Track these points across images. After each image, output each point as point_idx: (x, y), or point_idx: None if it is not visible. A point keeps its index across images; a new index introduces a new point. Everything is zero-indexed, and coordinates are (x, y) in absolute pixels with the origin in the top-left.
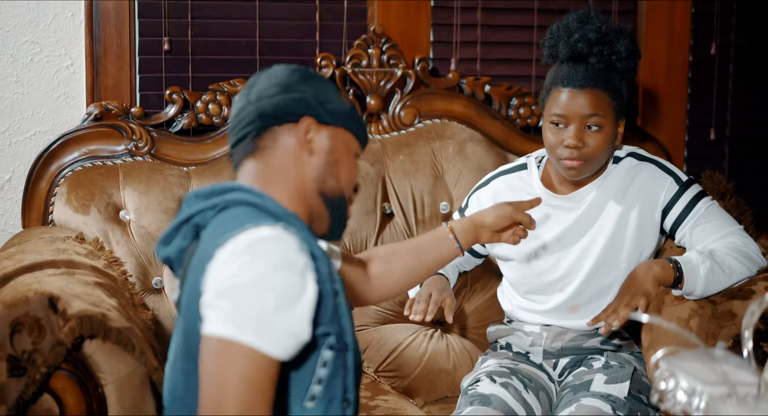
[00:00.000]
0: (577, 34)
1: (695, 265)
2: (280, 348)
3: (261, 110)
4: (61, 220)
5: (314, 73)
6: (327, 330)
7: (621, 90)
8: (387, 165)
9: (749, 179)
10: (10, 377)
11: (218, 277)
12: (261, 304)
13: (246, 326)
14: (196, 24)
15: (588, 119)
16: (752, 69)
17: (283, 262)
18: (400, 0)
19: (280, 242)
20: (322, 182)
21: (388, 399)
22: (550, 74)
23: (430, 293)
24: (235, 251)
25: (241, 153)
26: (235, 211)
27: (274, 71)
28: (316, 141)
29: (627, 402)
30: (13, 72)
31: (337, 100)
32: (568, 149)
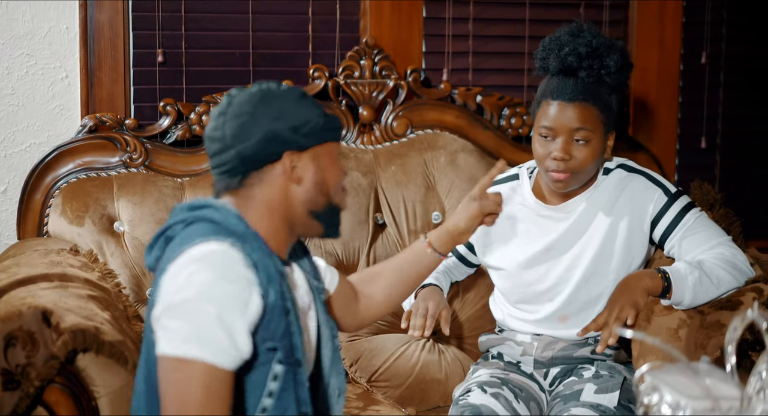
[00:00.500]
0: (567, 48)
1: (683, 275)
2: (226, 358)
3: (242, 157)
4: (56, 231)
5: (277, 92)
6: (275, 345)
7: (610, 104)
8: (379, 176)
9: (740, 188)
10: (4, 390)
11: (165, 292)
12: (203, 316)
13: (191, 340)
14: (189, 36)
15: (576, 132)
16: (742, 78)
17: (226, 275)
18: (392, 11)
19: (224, 255)
20: (312, 203)
21: (380, 409)
22: (541, 87)
23: (426, 306)
24: (181, 265)
25: (224, 186)
26: (196, 226)
27: (238, 107)
28: (301, 168)
29: (617, 411)
30: (8, 84)
31: (310, 117)
32: (555, 161)
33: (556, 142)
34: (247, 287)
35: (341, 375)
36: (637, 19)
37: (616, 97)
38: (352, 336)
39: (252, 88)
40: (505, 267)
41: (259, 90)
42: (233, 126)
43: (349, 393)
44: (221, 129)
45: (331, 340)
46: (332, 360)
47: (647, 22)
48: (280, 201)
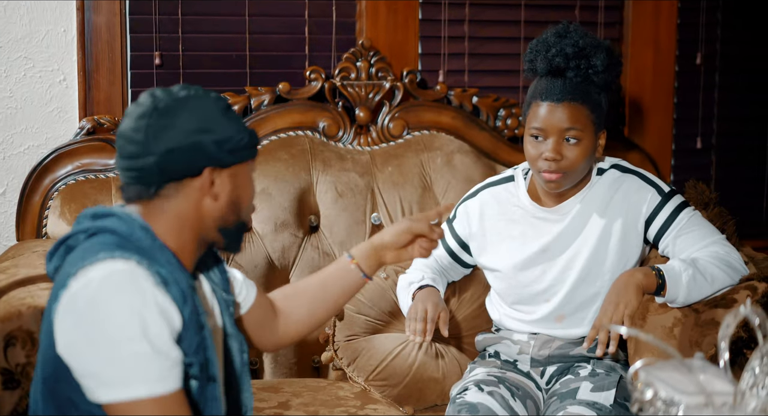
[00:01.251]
0: (554, 49)
1: (677, 272)
2: (171, 381)
3: (162, 167)
4: (54, 233)
5: (204, 101)
6: (191, 360)
7: (600, 103)
8: (376, 176)
9: (735, 187)
10: (5, 389)
11: (78, 325)
12: (134, 357)
13: (131, 383)
14: (186, 39)
15: (566, 132)
16: (737, 79)
17: (137, 303)
18: (388, 13)
19: (132, 276)
20: (223, 220)
21: (377, 407)
22: (531, 88)
23: (425, 309)
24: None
25: (135, 195)
26: (99, 238)
27: (164, 111)
28: (219, 185)
29: (613, 409)
30: (6, 87)
31: (234, 133)
32: (547, 161)
33: (547, 143)
34: (160, 305)
35: (249, 391)
36: (632, 21)
37: (606, 96)
38: (349, 335)
39: (179, 92)
40: (501, 269)
41: (186, 95)
42: (156, 130)
43: (347, 392)
44: (142, 132)
45: (240, 354)
46: (240, 374)
47: (642, 24)
48: (192, 215)
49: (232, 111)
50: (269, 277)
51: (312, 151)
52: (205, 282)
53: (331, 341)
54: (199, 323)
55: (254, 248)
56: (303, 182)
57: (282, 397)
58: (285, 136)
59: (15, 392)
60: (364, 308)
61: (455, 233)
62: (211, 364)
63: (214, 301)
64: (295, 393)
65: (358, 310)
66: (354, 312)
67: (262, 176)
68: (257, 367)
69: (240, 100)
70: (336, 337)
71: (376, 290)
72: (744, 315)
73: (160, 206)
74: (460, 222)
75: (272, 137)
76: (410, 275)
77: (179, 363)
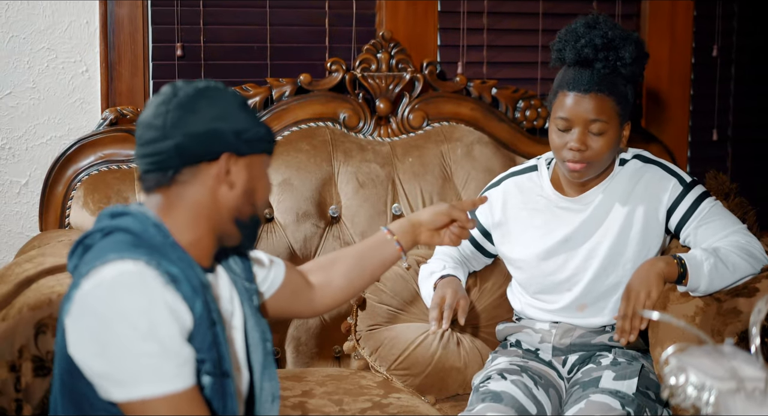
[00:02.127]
0: (583, 40)
1: (699, 261)
2: (183, 379)
3: (181, 149)
4: (78, 223)
5: (223, 93)
6: (204, 357)
7: (626, 95)
8: (397, 167)
9: (751, 179)
10: (35, 377)
11: (89, 326)
12: (145, 356)
13: (142, 382)
14: (208, 30)
15: (591, 123)
16: (753, 70)
17: (145, 303)
18: (407, 5)
19: (140, 277)
20: (238, 211)
21: (400, 397)
22: (558, 78)
23: (443, 297)
24: (94, 291)
25: (154, 183)
26: (113, 237)
27: (184, 98)
28: (235, 174)
29: (635, 398)
30: (29, 78)
31: (251, 125)
32: (572, 151)
33: (572, 133)
34: (171, 305)
35: (274, 380)
36: (649, 13)
37: (632, 88)
38: (371, 325)
39: (198, 83)
40: (523, 258)
41: (206, 86)
42: (176, 116)
43: (369, 382)
44: (162, 117)
45: (261, 344)
46: (264, 364)
47: (659, 16)
48: (208, 204)
49: (249, 106)
50: None
51: (333, 142)
52: (224, 274)
53: (353, 330)
54: (210, 319)
55: (276, 238)
56: (324, 172)
57: (306, 386)
58: (306, 127)
59: (45, 379)
60: (386, 298)
61: (478, 221)
62: (224, 360)
63: (233, 293)
64: (319, 382)
65: (380, 300)
66: (376, 301)
67: (284, 167)
68: (279, 357)
69: (261, 92)
70: (358, 327)
71: (397, 280)
72: None
73: (177, 193)
74: (483, 211)
75: (293, 128)
76: (431, 265)
77: (191, 359)
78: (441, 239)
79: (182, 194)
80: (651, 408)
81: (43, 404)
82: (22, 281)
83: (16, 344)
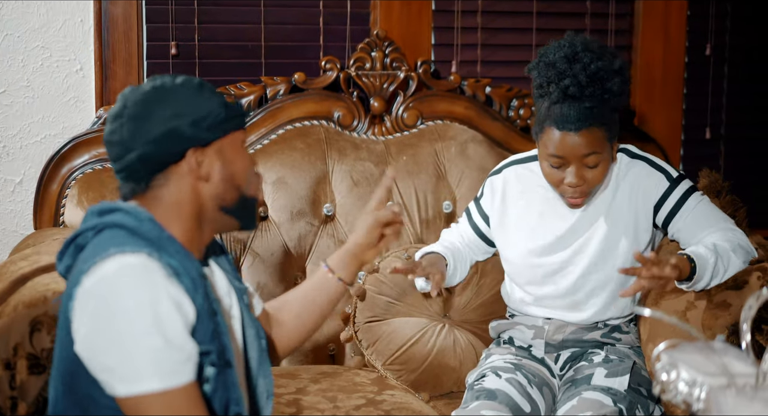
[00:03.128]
0: (568, 79)
1: (705, 260)
2: (184, 375)
3: (145, 158)
4: (72, 221)
5: (172, 87)
6: (208, 348)
7: (614, 119)
8: (391, 165)
9: (744, 178)
10: (30, 374)
11: (92, 320)
12: (147, 350)
13: (143, 377)
14: (202, 29)
15: (585, 157)
16: (746, 69)
17: (152, 292)
18: (401, 4)
19: (144, 269)
20: (221, 199)
21: (394, 393)
22: (543, 110)
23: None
24: (98, 284)
25: (130, 191)
26: (108, 233)
27: (133, 107)
28: (207, 165)
29: (627, 394)
30: (23, 76)
31: (210, 109)
32: (571, 188)
33: (567, 169)
34: (175, 297)
35: (269, 377)
36: (643, 12)
37: (618, 111)
38: (370, 317)
39: (145, 86)
40: (516, 248)
41: (152, 87)
42: (130, 128)
43: (364, 378)
44: (119, 132)
45: (257, 340)
46: (259, 361)
47: (653, 15)
48: (189, 201)
49: (206, 89)
50: (285, 265)
51: (327, 140)
52: (218, 269)
53: (352, 321)
54: (211, 309)
55: (270, 236)
56: (319, 171)
57: (300, 383)
58: (300, 126)
59: (40, 377)
60: (386, 289)
61: (482, 210)
62: (227, 350)
63: (229, 287)
64: (313, 380)
65: (379, 291)
66: (375, 292)
67: (279, 165)
68: None
69: (256, 90)
70: (357, 318)
71: None
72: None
73: (156, 196)
74: (486, 198)
75: (288, 126)
76: (424, 249)
77: (193, 356)
78: (385, 245)
79: (160, 197)
80: (643, 404)
81: (37, 401)
82: (17, 279)
83: (11, 341)
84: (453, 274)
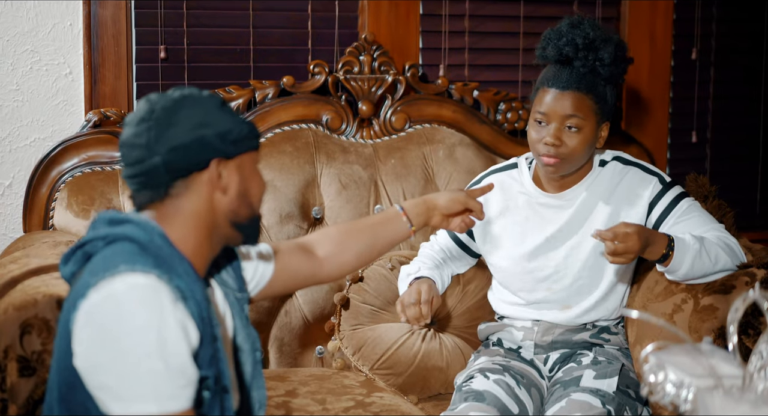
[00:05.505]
0: (565, 38)
1: (686, 246)
2: (183, 400)
3: (169, 164)
4: (61, 224)
5: (199, 99)
6: (205, 374)
7: (605, 95)
8: (379, 169)
9: (730, 181)
10: (20, 377)
11: (97, 337)
12: (148, 371)
13: (142, 397)
14: (191, 32)
15: (568, 119)
16: (732, 73)
17: (157, 320)
18: (389, 8)
19: (153, 291)
20: (235, 214)
21: (383, 395)
22: (541, 75)
23: (419, 291)
24: (106, 301)
25: (148, 199)
26: (119, 247)
27: (162, 112)
28: (227, 177)
29: (615, 396)
30: (12, 80)
31: (234, 125)
32: (546, 146)
33: (548, 128)
34: (181, 321)
35: (262, 389)
36: (629, 16)
37: (612, 89)
38: (355, 325)
39: (173, 94)
40: (505, 255)
41: (181, 95)
42: (158, 132)
43: (352, 381)
44: (145, 135)
45: (251, 354)
46: (253, 374)
47: (639, 19)
48: (205, 212)
49: (228, 106)
50: None
51: (316, 144)
52: (217, 288)
53: (337, 330)
54: (212, 335)
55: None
56: (307, 174)
57: (289, 386)
58: (289, 129)
59: (30, 379)
60: (370, 298)
61: None
62: (223, 376)
63: (226, 307)
64: (302, 382)
65: (363, 300)
66: (359, 301)
67: (268, 169)
68: (263, 357)
69: (244, 94)
70: (341, 326)
71: (381, 280)
72: (753, 298)
73: (173, 206)
74: None
75: (276, 130)
76: (410, 267)
77: (193, 382)
78: (450, 225)
79: (178, 206)
80: (631, 406)
81: (28, 404)
82: (7, 282)
83: (1, 344)
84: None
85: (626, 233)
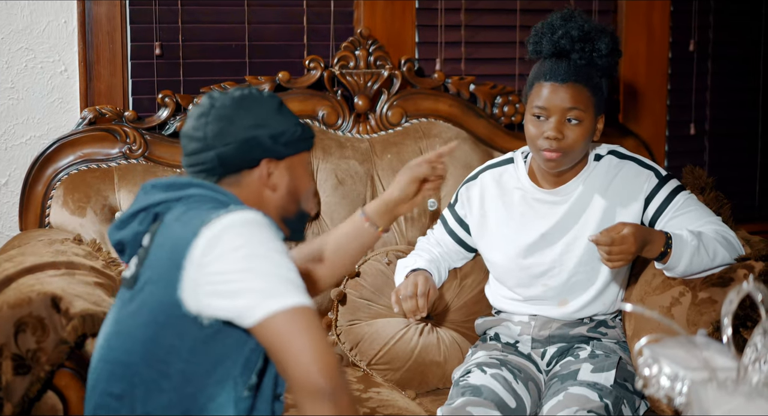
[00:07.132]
0: (560, 32)
1: (684, 243)
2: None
3: (222, 159)
4: (57, 222)
5: (258, 99)
6: None
7: (601, 87)
8: (375, 164)
9: (728, 173)
10: (15, 375)
11: (229, 252)
12: (287, 269)
13: (291, 292)
14: (186, 29)
15: (568, 112)
16: (729, 65)
17: (274, 234)
18: (385, 3)
19: (268, 221)
20: (284, 210)
21: (380, 391)
22: (534, 70)
23: (415, 284)
24: (229, 227)
25: None
26: (204, 199)
27: (221, 109)
28: (277, 177)
29: (613, 389)
30: (7, 78)
31: (288, 127)
32: (548, 140)
33: (549, 122)
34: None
35: None
36: (626, 8)
37: (606, 81)
38: (352, 320)
39: (234, 92)
40: (501, 251)
41: (241, 95)
42: (215, 128)
43: (350, 376)
44: (203, 129)
45: None
46: None
47: (636, 11)
48: (253, 204)
49: (285, 107)
50: None
51: None
52: None
53: (334, 326)
54: None
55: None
56: None
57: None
58: None
59: (26, 378)
60: (367, 294)
61: (458, 216)
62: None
63: None
64: None
65: (360, 295)
66: (356, 296)
67: None
68: None
69: None
70: (338, 322)
71: (378, 275)
72: (747, 291)
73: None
74: (462, 205)
75: None
76: (407, 260)
77: None
78: (421, 201)
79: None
80: (629, 399)
81: (23, 402)
82: (2, 280)
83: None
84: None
85: (623, 236)
